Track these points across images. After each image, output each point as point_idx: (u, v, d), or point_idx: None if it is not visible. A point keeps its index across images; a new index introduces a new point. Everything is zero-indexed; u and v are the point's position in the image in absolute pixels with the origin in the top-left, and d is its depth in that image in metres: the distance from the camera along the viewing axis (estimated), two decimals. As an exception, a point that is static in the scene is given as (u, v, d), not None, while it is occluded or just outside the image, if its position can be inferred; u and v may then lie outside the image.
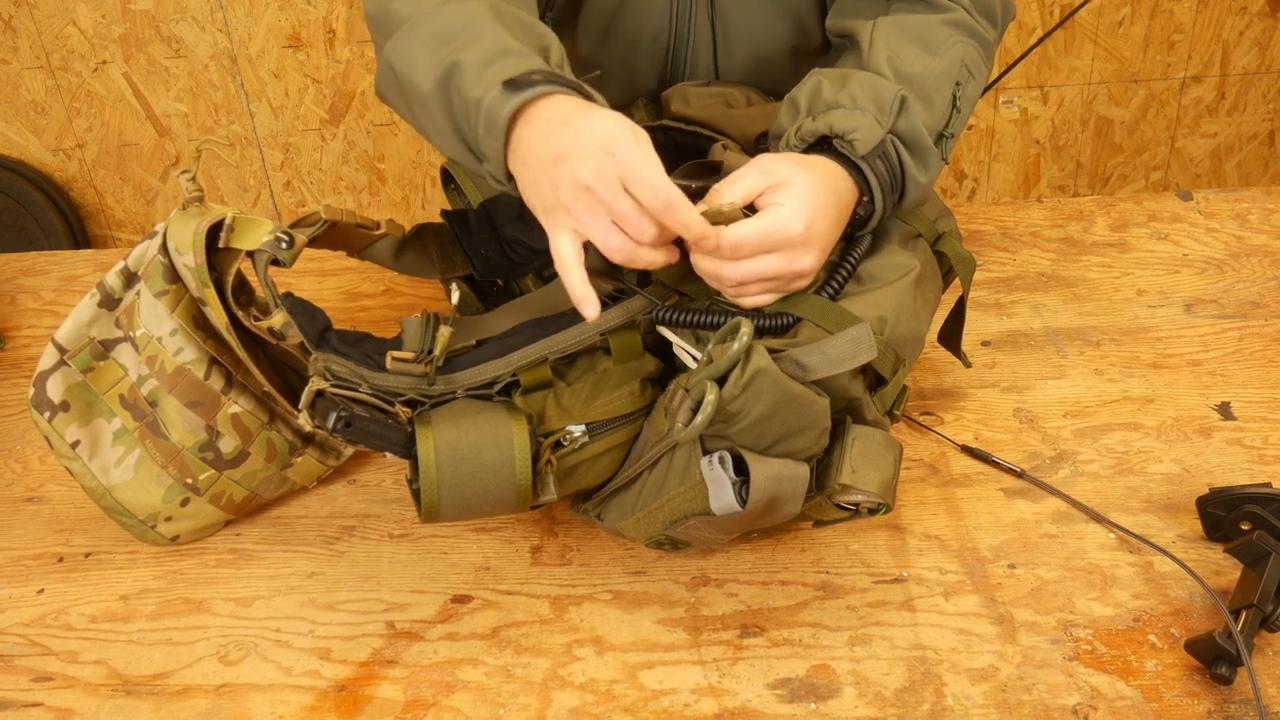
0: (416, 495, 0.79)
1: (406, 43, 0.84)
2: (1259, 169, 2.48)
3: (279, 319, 0.81)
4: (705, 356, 0.74)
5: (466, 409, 0.80)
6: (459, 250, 0.99)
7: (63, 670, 0.83)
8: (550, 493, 0.81)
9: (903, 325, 0.85)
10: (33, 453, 1.04)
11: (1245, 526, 0.86)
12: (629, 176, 0.73)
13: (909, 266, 0.87)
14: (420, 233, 0.98)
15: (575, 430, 0.82)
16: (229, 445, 0.90)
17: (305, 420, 0.79)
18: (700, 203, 0.81)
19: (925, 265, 0.90)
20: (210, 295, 0.83)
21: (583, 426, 0.82)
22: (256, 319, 0.83)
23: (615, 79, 1.09)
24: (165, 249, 0.85)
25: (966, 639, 0.83)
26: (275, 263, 0.80)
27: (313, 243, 0.85)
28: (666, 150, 1.01)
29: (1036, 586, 0.87)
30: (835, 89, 0.87)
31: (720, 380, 0.73)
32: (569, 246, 0.76)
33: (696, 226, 0.75)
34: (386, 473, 1.00)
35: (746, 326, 0.72)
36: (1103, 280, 1.21)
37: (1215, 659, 0.77)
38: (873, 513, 0.81)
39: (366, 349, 0.82)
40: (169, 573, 0.92)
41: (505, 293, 1.02)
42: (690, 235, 0.76)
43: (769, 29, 1.06)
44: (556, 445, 0.82)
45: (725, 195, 0.80)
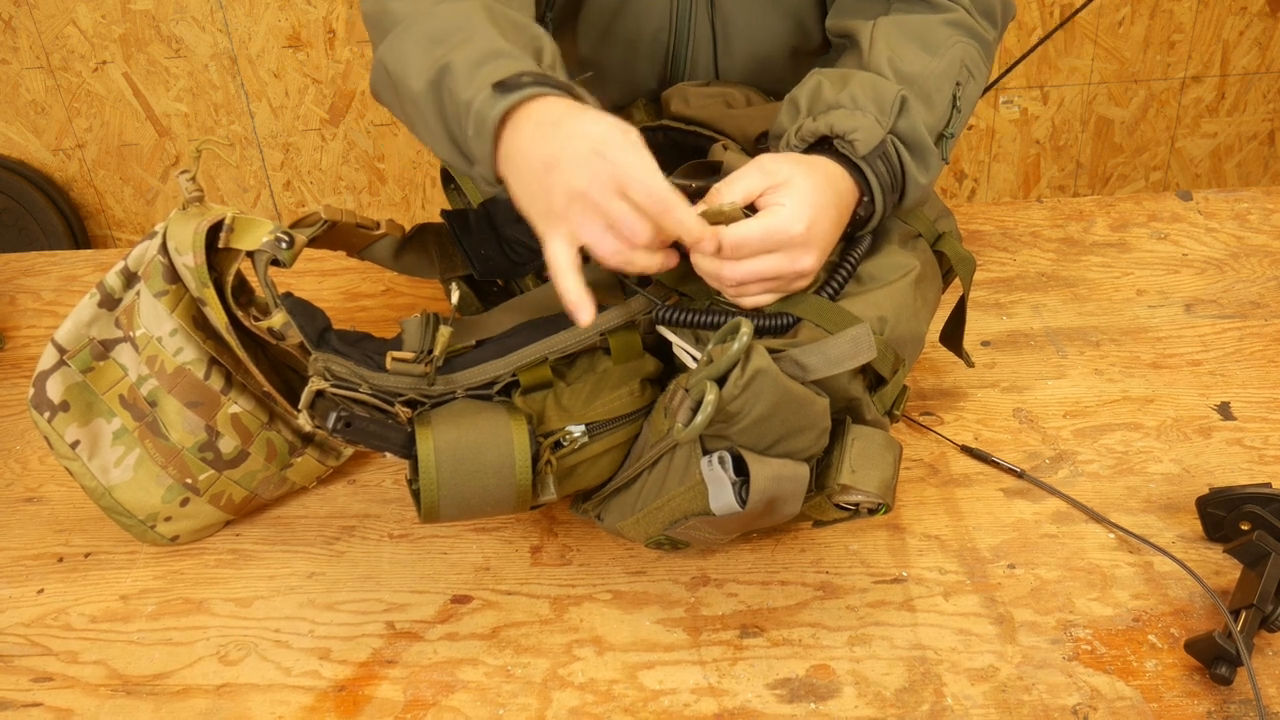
0: (416, 495, 0.79)
1: (400, 43, 0.84)
2: (1259, 169, 2.48)
3: (279, 319, 0.81)
4: (705, 356, 0.74)
5: (466, 409, 0.80)
6: (459, 250, 0.99)
7: (63, 670, 0.83)
8: (550, 493, 0.81)
9: (903, 325, 0.85)
10: (32, 453, 1.04)
11: (1245, 526, 0.86)
12: (623, 179, 0.71)
13: (909, 266, 0.87)
14: (420, 233, 0.98)
15: (575, 430, 0.82)
16: (229, 445, 0.90)
17: (305, 420, 0.79)
18: (700, 203, 0.81)
19: (925, 265, 0.90)
20: (210, 295, 0.83)
21: (582, 426, 0.82)
22: (256, 319, 0.83)
23: (615, 79, 1.09)
24: (165, 249, 0.85)
25: (966, 639, 0.83)
26: (275, 263, 0.80)
27: (313, 243, 0.85)
28: (666, 150, 1.02)
29: (1036, 586, 0.87)
30: (836, 89, 0.87)
31: (720, 380, 0.73)
32: (563, 252, 0.75)
33: (694, 228, 0.74)
34: (386, 473, 1.00)
35: (746, 326, 0.72)
36: (1103, 280, 1.21)
37: (1215, 659, 0.77)
38: (872, 513, 0.81)
39: (366, 349, 0.82)
40: (169, 573, 0.92)
41: (505, 293, 1.02)
42: (687, 237, 0.75)
43: (769, 29, 1.06)
44: (556, 445, 0.81)
45: (726, 195, 0.80)
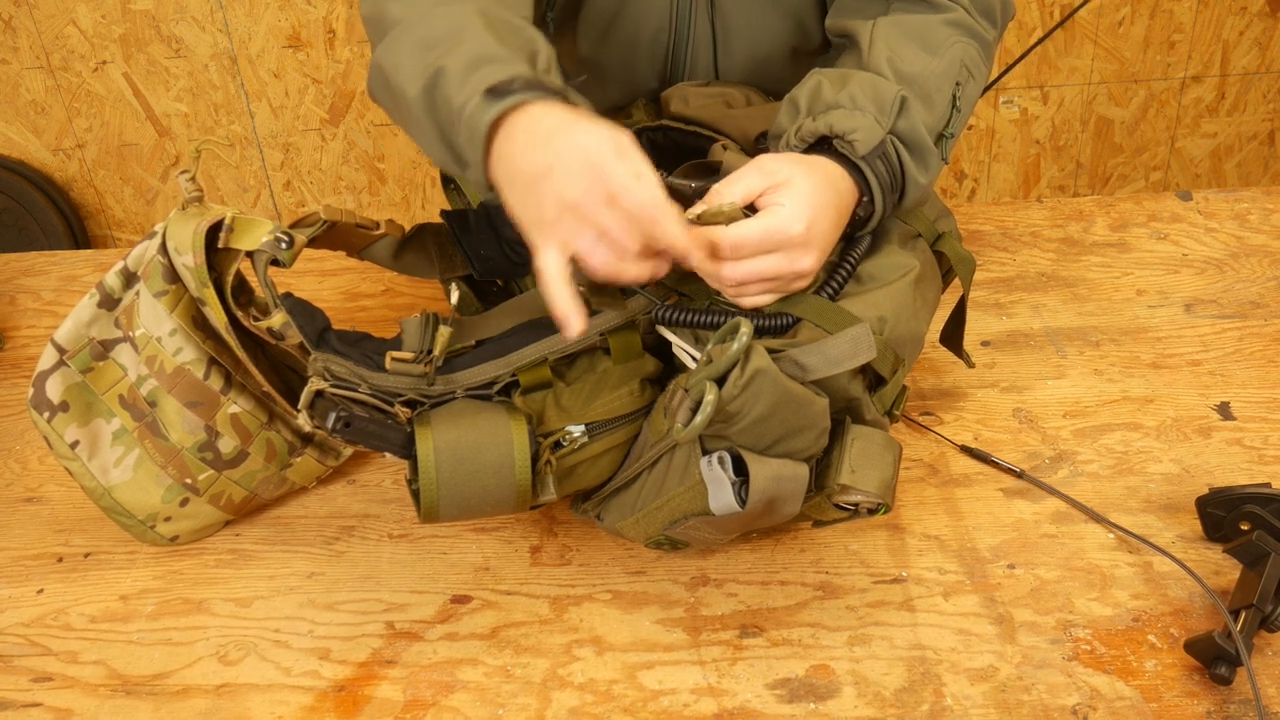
0: (416, 495, 0.79)
1: (395, 47, 0.84)
2: (1259, 169, 2.48)
3: (278, 319, 0.81)
4: (705, 356, 0.74)
5: (466, 409, 0.80)
6: (458, 250, 0.99)
7: (62, 670, 0.83)
8: (550, 493, 0.81)
9: (902, 325, 0.85)
10: (32, 453, 1.04)
11: (1245, 526, 0.86)
12: (614, 191, 0.71)
13: (909, 266, 0.87)
14: (420, 233, 0.98)
15: (575, 430, 0.82)
16: (228, 445, 0.90)
17: (304, 420, 0.79)
18: (700, 203, 0.81)
19: (925, 265, 0.90)
20: (210, 295, 0.83)
21: (582, 427, 0.82)
22: (256, 319, 0.83)
23: (615, 79, 1.09)
24: (165, 249, 0.85)
25: (966, 639, 0.83)
26: (275, 263, 0.80)
27: (312, 243, 0.85)
28: (666, 150, 1.02)
29: (1036, 586, 0.87)
30: (835, 89, 0.87)
31: (720, 380, 0.73)
32: (554, 262, 0.74)
33: (683, 242, 0.73)
34: (386, 473, 1.00)
35: (746, 326, 0.72)
36: (1102, 280, 1.21)
37: (1215, 659, 0.77)
38: (872, 513, 0.81)
39: (366, 349, 0.82)
40: (168, 573, 0.92)
41: (505, 293, 1.02)
42: (677, 250, 0.74)
43: (769, 29, 1.06)
44: (556, 445, 0.81)
45: (725, 195, 0.80)
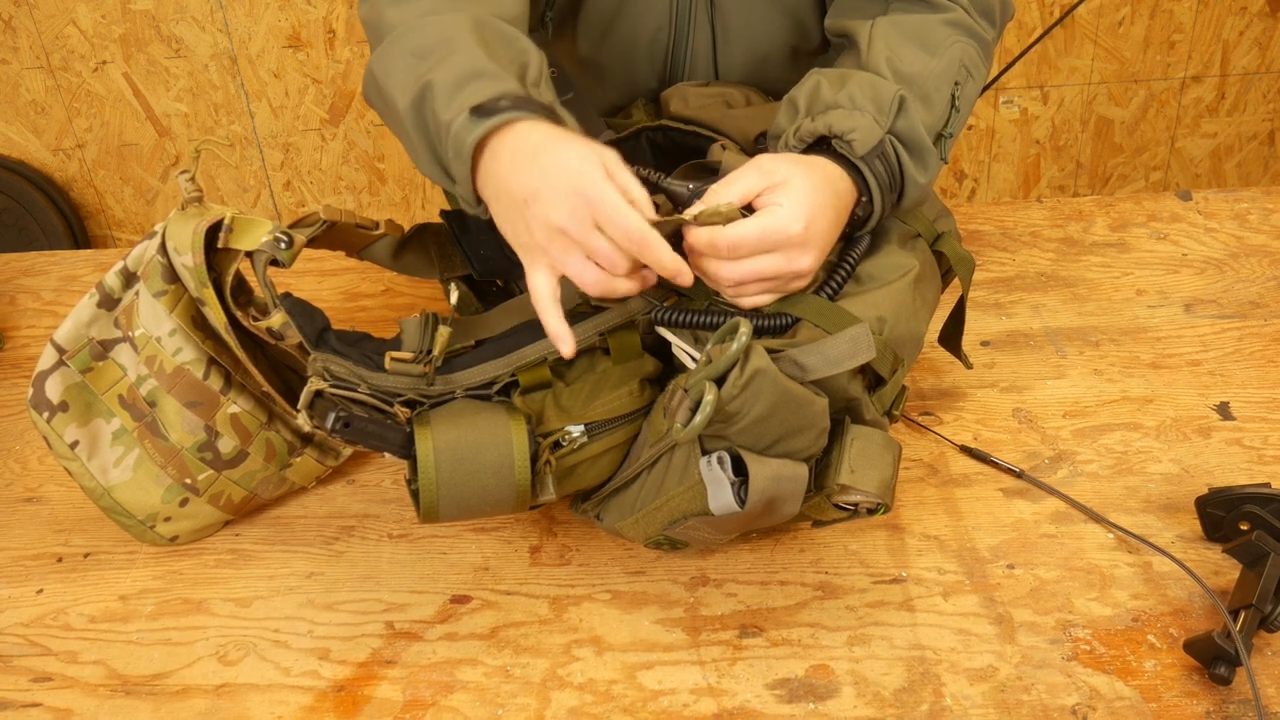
0: (415, 495, 0.79)
1: (387, 56, 0.85)
2: (1259, 169, 2.48)
3: (278, 319, 0.81)
4: (704, 357, 0.74)
5: (465, 409, 0.80)
6: (458, 250, 0.99)
7: (62, 670, 0.83)
8: (549, 493, 0.81)
9: (902, 325, 0.85)
10: (32, 453, 1.04)
11: (1244, 526, 0.86)
12: (599, 217, 0.72)
13: (908, 266, 0.87)
14: (419, 233, 0.98)
15: (574, 430, 0.82)
16: (228, 445, 0.90)
17: (304, 420, 0.79)
18: (699, 203, 0.81)
19: (924, 265, 0.90)
20: (209, 295, 0.83)
21: (582, 427, 0.82)
22: (255, 319, 0.83)
23: (615, 79, 1.09)
24: (164, 249, 0.85)
25: (965, 639, 0.83)
26: (274, 263, 0.80)
27: (312, 243, 0.85)
28: (666, 150, 1.02)
29: (1035, 586, 0.87)
30: (834, 89, 0.87)
31: (719, 380, 0.73)
32: (544, 284, 0.76)
33: (671, 266, 0.75)
34: (385, 473, 1.00)
35: (745, 326, 0.72)
36: (1102, 280, 1.21)
37: (1214, 659, 0.77)
38: (871, 513, 0.81)
39: (365, 349, 0.82)
40: (168, 573, 0.92)
41: (504, 293, 1.02)
42: (665, 272, 0.75)
43: (768, 29, 1.06)
44: (555, 445, 0.81)
45: (724, 195, 0.80)
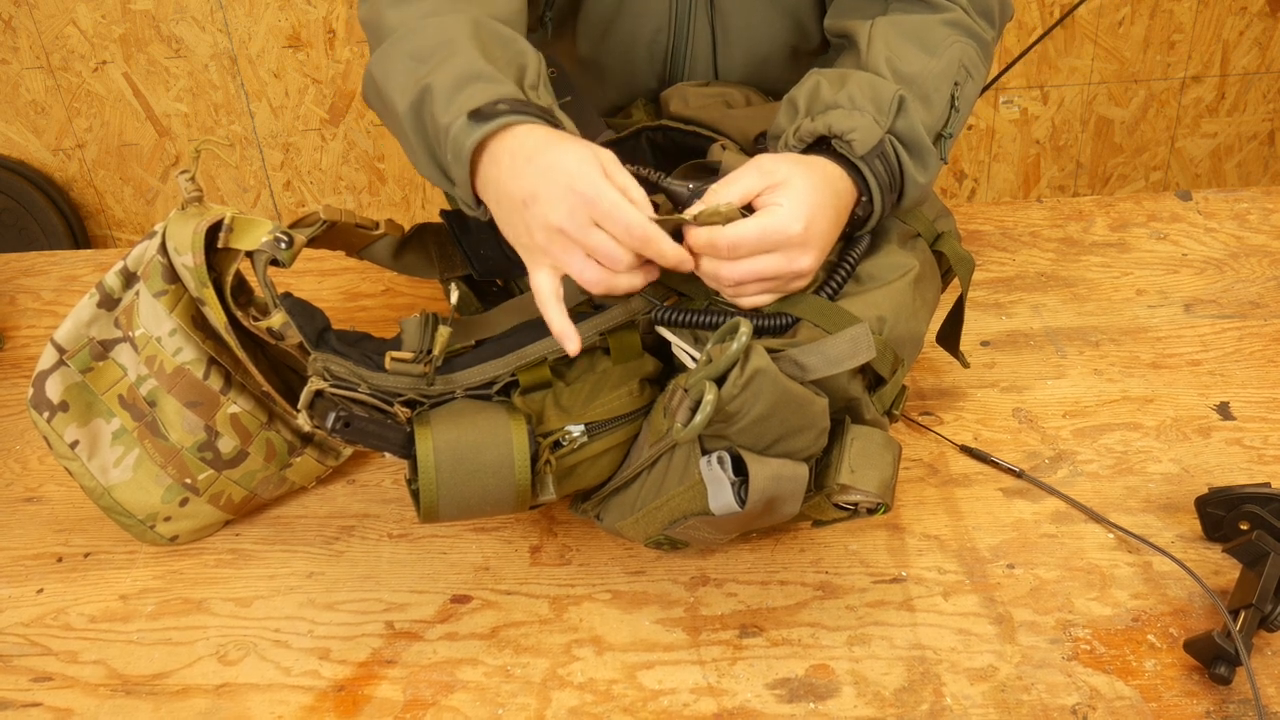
0: (415, 495, 0.79)
1: (387, 58, 0.85)
2: (1259, 169, 2.48)
3: (278, 319, 0.81)
4: (704, 356, 0.74)
5: (465, 409, 0.80)
6: (458, 250, 0.99)
7: (62, 670, 0.83)
8: (549, 493, 0.81)
9: (901, 325, 0.85)
10: (32, 453, 1.04)
11: (1244, 526, 0.86)
12: (598, 215, 0.73)
13: (908, 266, 0.87)
14: (419, 233, 0.98)
15: (574, 430, 0.82)
16: (228, 445, 0.90)
17: (304, 420, 0.79)
18: (698, 203, 0.81)
19: (924, 265, 0.90)
20: (209, 295, 0.83)
21: (582, 426, 0.82)
22: (255, 319, 0.83)
23: (615, 79, 1.09)
24: (164, 249, 0.85)
25: (965, 639, 0.83)
26: (274, 263, 0.80)
27: (312, 243, 0.85)
28: (666, 150, 1.02)
29: (1035, 586, 0.87)
30: (834, 89, 0.87)
31: (719, 380, 0.73)
32: (547, 283, 0.77)
33: (674, 258, 0.76)
34: (386, 473, 1.00)
35: (745, 326, 0.72)
36: (1102, 280, 1.21)
37: (1214, 659, 0.77)
38: (871, 512, 0.81)
39: (365, 349, 0.82)
40: (168, 573, 0.92)
41: (504, 292, 1.02)
42: (667, 263, 0.76)
43: (768, 29, 1.06)
44: (555, 445, 0.82)
45: (723, 195, 0.80)
